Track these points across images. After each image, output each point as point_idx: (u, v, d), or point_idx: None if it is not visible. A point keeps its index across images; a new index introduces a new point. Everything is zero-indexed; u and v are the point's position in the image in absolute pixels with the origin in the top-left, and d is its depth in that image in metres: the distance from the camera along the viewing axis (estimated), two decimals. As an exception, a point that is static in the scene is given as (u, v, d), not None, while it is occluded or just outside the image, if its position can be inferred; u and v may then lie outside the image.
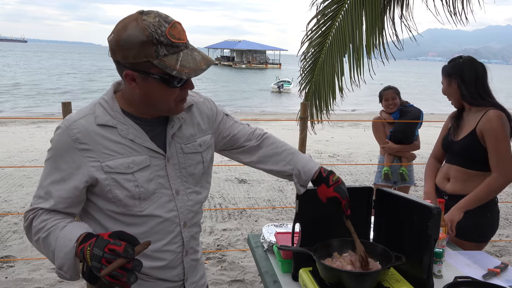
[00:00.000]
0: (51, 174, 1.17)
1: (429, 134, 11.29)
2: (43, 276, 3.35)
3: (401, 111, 3.76)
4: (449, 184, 2.28)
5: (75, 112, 1.23)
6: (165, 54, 1.09)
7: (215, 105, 1.43)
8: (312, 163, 1.49)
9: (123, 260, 0.97)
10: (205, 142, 1.36)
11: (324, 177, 1.47)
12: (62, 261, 1.08)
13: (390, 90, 3.76)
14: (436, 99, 29.46)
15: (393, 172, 3.81)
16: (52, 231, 1.12)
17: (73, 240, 1.07)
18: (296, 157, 1.50)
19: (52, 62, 59.77)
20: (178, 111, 1.24)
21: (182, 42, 1.12)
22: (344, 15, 4.09)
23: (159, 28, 1.08)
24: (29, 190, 5.48)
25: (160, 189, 1.24)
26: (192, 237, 1.34)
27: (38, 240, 1.15)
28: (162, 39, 1.08)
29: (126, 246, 0.98)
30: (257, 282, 3.33)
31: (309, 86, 4.53)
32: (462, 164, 2.23)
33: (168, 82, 1.14)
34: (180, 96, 1.20)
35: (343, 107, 18.81)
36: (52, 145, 1.19)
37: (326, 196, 1.47)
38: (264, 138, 1.51)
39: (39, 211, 1.17)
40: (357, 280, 1.42)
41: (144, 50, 1.08)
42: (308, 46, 4.42)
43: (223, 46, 77.04)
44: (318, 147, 8.91)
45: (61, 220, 1.15)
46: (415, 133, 3.79)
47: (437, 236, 1.47)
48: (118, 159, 1.18)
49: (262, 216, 4.86)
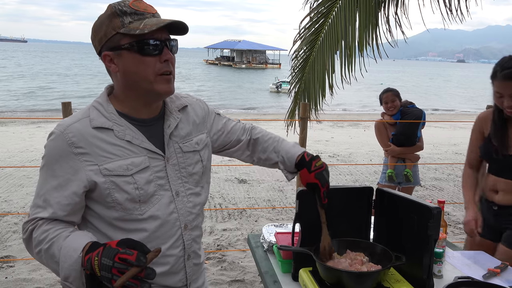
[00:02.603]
0: (48, 182, 1.14)
1: (429, 134, 11.31)
2: (43, 276, 3.35)
3: (402, 112, 3.74)
4: (498, 195, 2.17)
5: (68, 117, 1.21)
6: (130, 21, 1.12)
7: (207, 105, 1.45)
8: (296, 148, 1.50)
9: (137, 269, 0.94)
10: (202, 141, 1.36)
11: (307, 162, 1.45)
12: (68, 272, 1.03)
13: (389, 92, 3.75)
14: (437, 99, 29.48)
15: (397, 174, 3.80)
16: (55, 242, 1.08)
17: (78, 250, 1.03)
18: (280, 144, 1.52)
19: (62, 63, 59.37)
20: (162, 90, 1.18)
21: (149, 12, 1.15)
22: (337, 11, 4.07)
23: (123, 2, 1.14)
24: (29, 190, 5.48)
25: (159, 190, 1.22)
26: (193, 240, 1.33)
27: (40, 252, 1.11)
28: (126, 9, 1.13)
29: (138, 254, 0.95)
30: (257, 282, 3.33)
31: (299, 84, 4.51)
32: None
33: (140, 49, 1.13)
34: (160, 69, 1.16)
35: (344, 107, 18.65)
36: (46, 151, 1.16)
37: (306, 181, 1.45)
38: (252, 128, 1.56)
39: (38, 222, 1.13)
40: (357, 280, 1.42)
41: (111, 23, 1.13)
42: (300, 44, 4.41)
43: (223, 46, 77.05)
44: (318, 147, 8.91)
45: (63, 229, 1.11)
46: (417, 134, 3.77)
47: (437, 236, 1.47)
48: (116, 162, 1.16)
49: (262, 216, 4.86)
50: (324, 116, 4.53)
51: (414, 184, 3.81)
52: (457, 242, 4.10)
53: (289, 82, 4.63)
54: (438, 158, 8.27)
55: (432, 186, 6.29)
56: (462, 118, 16.80)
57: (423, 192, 5.96)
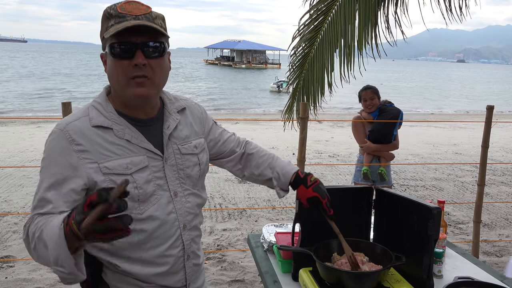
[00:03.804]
0: (46, 180, 1.13)
1: (429, 134, 11.31)
2: (43, 276, 3.35)
3: (381, 110, 3.79)
4: None
5: (68, 116, 1.22)
6: (111, 24, 1.14)
7: (205, 111, 1.47)
8: (291, 166, 1.53)
9: (102, 206, 0.82)
10: (200, 144, 1.36)
11: (302, 178, 1.49)
12: (56, 252, 0.94)
13: (369, 90, 3.81)
14: (439, 99, 29.46)
15: (372, 172, 3.82)
16: (43, 228, 1.03)
17: (59, 224, 0.95)
18: (275, 161, 1.55)
19: (68, 63, 59.15)
20: (132, 93, 1.16)
21: (133, 14, 1.14)
22: (337, 9, 4.07)
23: (115, 4, 1.16)
24: (29, 190, 5.47)
25: (158, 190, 1.23)
26: (192, 240, 1.33)
27: (35, 246, 1.04)
28: (112, 11, 1.14)
29: (98, 191, 0.84)
30: (257, 282, 3.33)
31: (297, 81, 4.51)
32: None
33: (112, 53, 1.15)
34: (131, 73, 1.14)
35: (346, 106, 18.50)
36: (46, 151, 1.15)
37: (306, 197, 1.47)
38: (247, 143, 1.57)
39: (34, 217, 1.11)
40: (357, 280, 1.42)
41: (103, 26, 1.17)
42: (299, 41, 4.41)
43: (223, 46, 77.01)
44: (318, 147, 8.90)
45: (53, 216, 1.06)
46: (393, 133, 3.81)
47: (437, 236, 1.47)
48: (116, 160, 1.16)
49: (262, 216, 4.86)
50: (324, 116, 4.53)
51: (388, 183, 3.82)
52: (457, 242, 4.11)
53: (287, 78, 4.63)
54: (438, 158, 8.27)
55: (432, 186, 6.29)
56: (462, 118, 16.80)
57: (423, 192, 5.96)
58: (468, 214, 5.01)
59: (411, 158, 8.15)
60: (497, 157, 8.33)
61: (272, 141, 9.23)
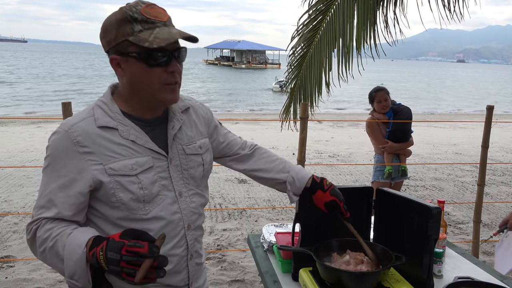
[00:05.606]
0: (52, 182, 1.13)
1: (429, 134, 11.31)
2: (43, 276, 3.35)
3: (395, 110, 3.86)
4: None
5: (72, 116, 1.21)
6: (140, 30, 1.11)
7: (210, 111, 1.46)
8: (305, 171, 1.54)
9: (151, 260, 0.96)
10: (205, 145, 1.37)
11: (318, 183, 1.49)
12: (73, 269, 1.02)
13: (382, 91, 3.85)
14: (439, 99, 29.49)
15: (394, 170, 3.87)
16: (58, 239, 1.07)
17: (82, 246, 1.02)
18: (289, 165, 1.55)
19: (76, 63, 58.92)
20: (166, 99, 1.19)
21: (160, 20, 1.13)
22: (336, 9, 4.08)
23: (134, 7, 1.12)
24: (29, 190, 5.46)
25: (163, 191, 1.23)
26: (196, 240, 1.34)
27: (44, 252, 1.09)
28: (137, 15, 1.10)
29: (150, 246, 0.96)
30: (257, 282, 3.33)
31: (295, 81, 4.51)
32: None
33: (147, 60, 1.12)
34: (166, 79, 1.16)
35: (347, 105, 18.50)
36: (50, 151, 1.15)
37: (323, 202, 1.48)
38: (256, 148, 1.57)
39: (42, 221, 1.11)
40: (357, 280, 1.42)
41: (121, 29, 1.11)
42: (297, 41, 4.41)
43: (222, 46, 77.00)
44: (318, 147, 8.90)
45: (66, 227, 1.10)
46: (411, 130, 3.92)
47: (437, 236, 1.47)
48: (121, 161, 1.16)
49: (262, 216, 4.86)
50: (324, 116, 4.52)
51: (407, 177, 3.96)
52: (457, 242, 4.10)
53: (285, 77, 4.64)
54: (438, 158, 8.27)
55: (432, 186, 6.29)
56: (462, 118, 16.80)
57: (423, 192, 5.96)
58: (468, 214, 5.01)
59: (411, 158, 8.14)
60: (497, 157, 8.33)
61: (272, 141, 9.22)
